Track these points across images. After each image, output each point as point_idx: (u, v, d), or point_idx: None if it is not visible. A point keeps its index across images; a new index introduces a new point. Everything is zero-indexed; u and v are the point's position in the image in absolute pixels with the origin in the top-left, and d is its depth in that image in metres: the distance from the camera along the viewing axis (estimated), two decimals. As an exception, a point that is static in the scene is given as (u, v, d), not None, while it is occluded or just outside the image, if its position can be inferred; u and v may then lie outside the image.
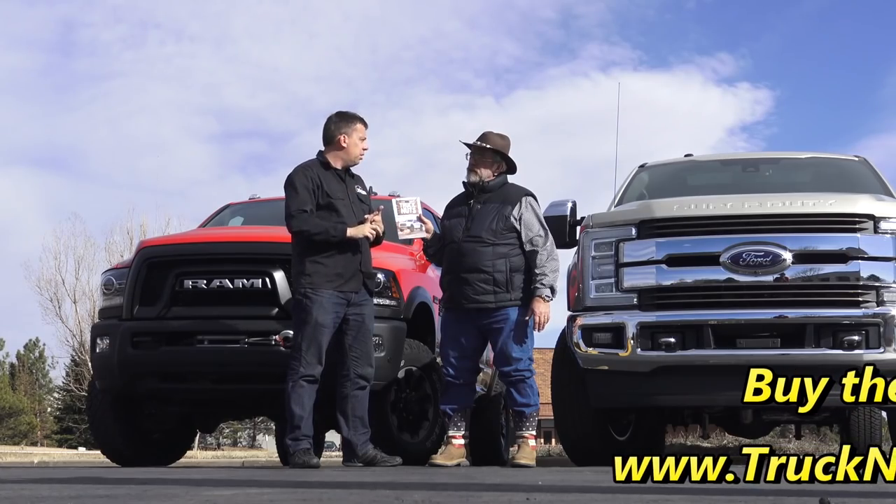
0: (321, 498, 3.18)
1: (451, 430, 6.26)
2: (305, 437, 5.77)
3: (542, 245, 6.11)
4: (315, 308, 5.74)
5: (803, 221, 5.97)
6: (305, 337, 5.75)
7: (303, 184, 5.89)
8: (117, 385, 6.87)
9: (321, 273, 5.79)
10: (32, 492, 3.55)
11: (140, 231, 37.75)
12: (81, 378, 39.82)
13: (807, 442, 16.01)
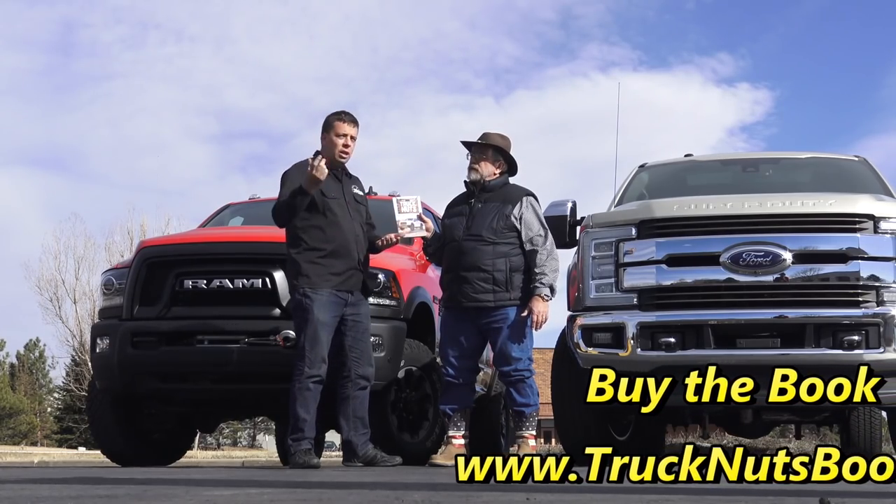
0: (321, 498, 3.18)
1: (451, 430, 6.27)
2: (307, 437, 5.77)
3: (542, 245, 6.11)
4: (315, 307, 5.74)
5: (803, 221, 5.97)
6: (308, 337, 5.75)
7: (292, 179, 5.91)
8: (117, 385, 6.87)
9: (318, 273, 5.80)
10: (32, 492, 3.55)
11: (140, 231, 37.73)
12: (81, 378, 39.80)
13: (807, 442, 16.01)
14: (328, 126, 6.04)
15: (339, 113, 6.07)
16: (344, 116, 6.03)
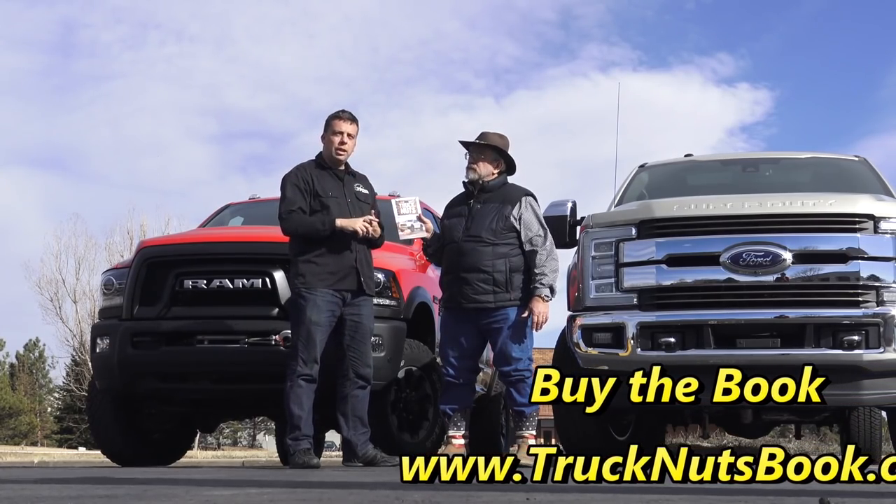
0: (321, 498, 3.18)
1: (451, 430, 6.27)
2: (305, 437, 5.77)
3: (542, 245, 6.11)
4: (309, 307, 5.75)
5: (803, 221, 5.97)
6: (301, 336, 5.77)
7: (293, 184, 5.92)
8: (117, 385, 6.87)
9: (314, 272, 5.80)
10: (32, 492, 3.55)
11: (140, 231, 37.75)
12: (81, 378, 39.79)
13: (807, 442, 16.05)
14: (326, 125, 6.08)
15: (336, 112, 6.10)
16: (341, 114, 6.05)
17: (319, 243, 5.85)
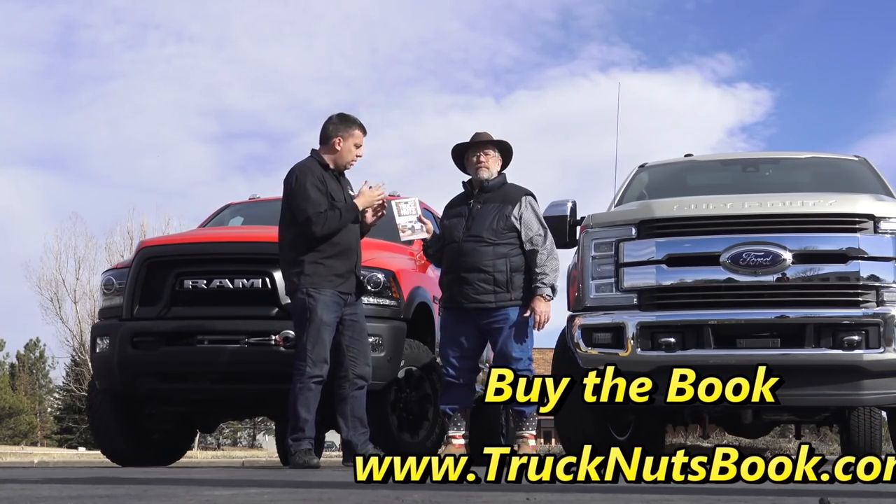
0: (321, 498, 3.18)
1: (451, 429, 6.27)
2: (307, 437, 5.77)
3: (542, 244, 6.11)
4: (319, 307, 5.73)
5: (803, 221, 5.97)
6: (311, 336, 5.73)
7: (313, 184, 5.86)
8: (117, 385, 6.87)
9: (321, 274, 5.79)
10: (32, 492, 3.55)
11: (140, 231, 37.78)
12: (81, 378, 39.81)
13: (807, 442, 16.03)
14: (348, 130, 6.01)
15: (359, 122, 6.10)
16: (363, 127, 6.08)
17: (330, 246, 5.84)
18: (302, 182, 5.87)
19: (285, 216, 5.98)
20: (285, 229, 5.98)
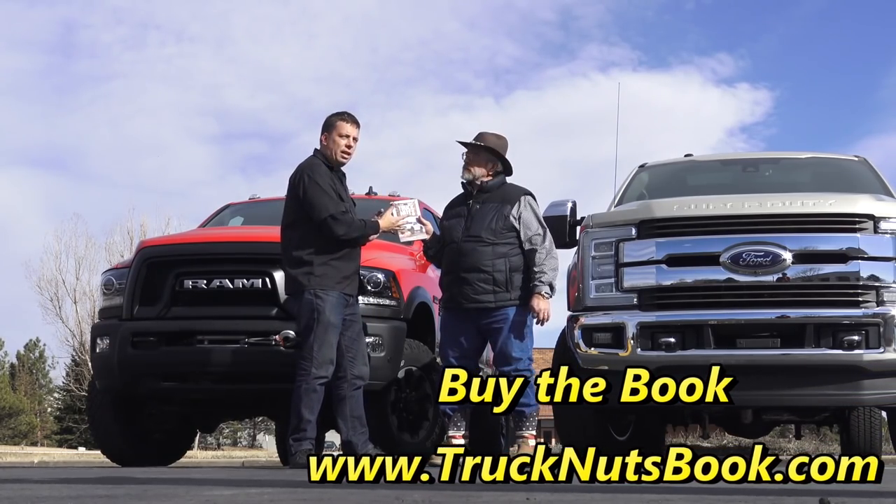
0: (321, 498, 3.18)
1: (451, 430, 6.26)
2: (308, 438, 5.77)
3: (541, 244, 6.11)
4: (327, 308, 5.73)
5: (803, 221, 5.97)
6: (318, 337, 5.71)
7: (328, 185, 5.85)
8: (117, 385, 6.87)
9: (330, 275, 5.78)
10: (32, 492, 3.55)
11: (140, 231, 37.78)
12: (81, 378, 39.81)
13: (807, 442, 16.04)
14: (330, 126, 6.01)
15: (341, 113, 6.04)
16: (346, 117, 6.01)
17: (338, 248, 5.83)
18: (315, 180, 5.83)
19: (290, 214, 5.94)
20: (290, 228, 5.96)
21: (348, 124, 5.98)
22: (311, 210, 5.78)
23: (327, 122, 6.03)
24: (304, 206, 5.82)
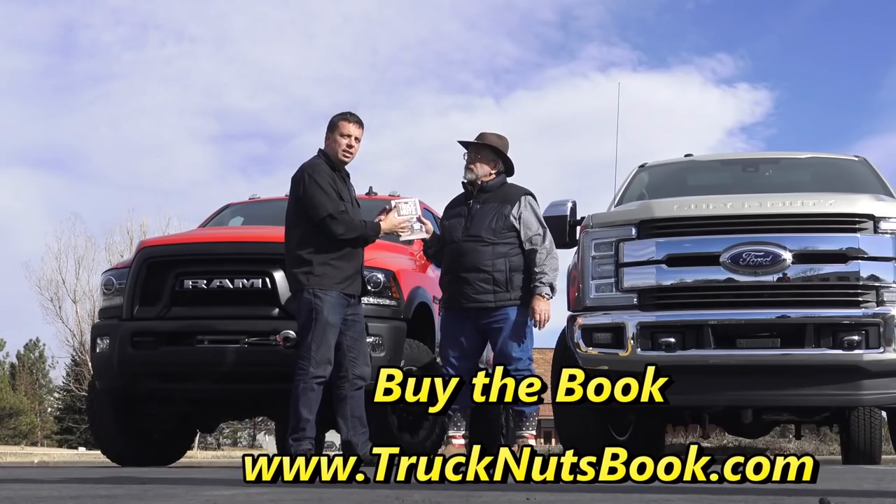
0: (321, 498, 3.18)
1: (451, 429, 6.27)
2: (308, 438, 5.77)
3: (542, 244, 6.11)
4: (325, 308, 5.72)
5: (803, 221, 5.97)
6: (316, 337, 5.71)
7: (328, 184, 5.84)
8: (117, 385, 6.87)
9: (330, 275, 5.78)
10: (32, 492, 3.55)
11: (140, 231, 37.76)
12: (81, 378, 39.81)
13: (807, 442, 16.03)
14: (332, 126, 6.01)
15: (344, 113, 6.05)
16: (349, 117, 6.01)
17: (339, 248, 5.83)
18: (315, 179, 5.83)
19: (292, 214, 5.94)
20: (293, 227, 5.95)
21: (350, 124, 5.98)
22: (310, 209, 5.79)
23: (330, 122, 6.04)
24: (303, 206, 5.82)
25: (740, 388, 6.02)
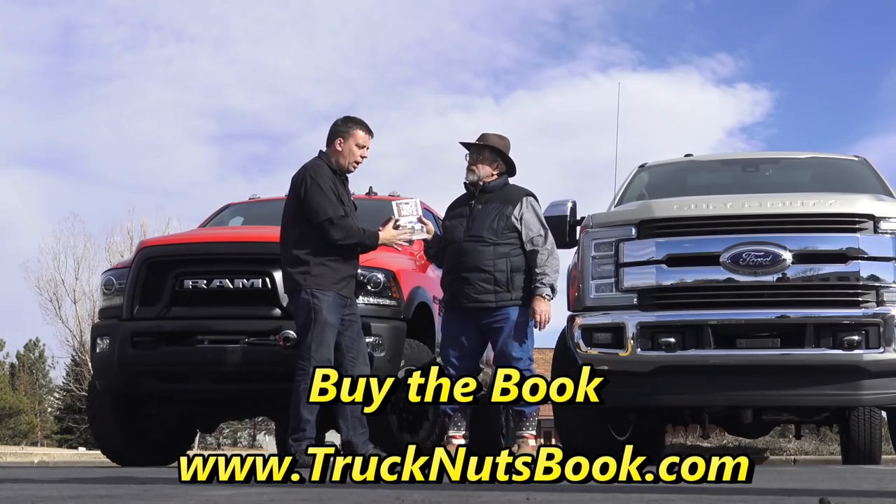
0: (321, 498, 3.18)
1: (451, 429, 6.26)
2: (308, 438, 5.77)
3: (543, 245, 6.11)
4: (324, 308, 5.73)
5: (803, 221, 5.97)
6: (315, 337, 5.72)
7: (329, 188, 5.84)
8: (117, 385, 6.87)
9: (327, 276, 5.78)
10: (32, 492, 3.55)
11: (140, 231, 37.77)
12: (81, 378, 39.82)
13: (807, 442, 16.02)
14: (346, 133, 5.97)
15: (360, 121, 6.04)
16: (366, 127, 6.02)
17: (333, 248, 5.83)
18: (318, 182, 5.83)
19: (290, 214, 5.95)
20: (290, 227, 5.95)
21: (367, 134, 6.01)
22: (311, 212, 5.79)
23: (344, 128, 5.99)
24: (303, 208, 5.82)
25: (740, 388, 6.02)
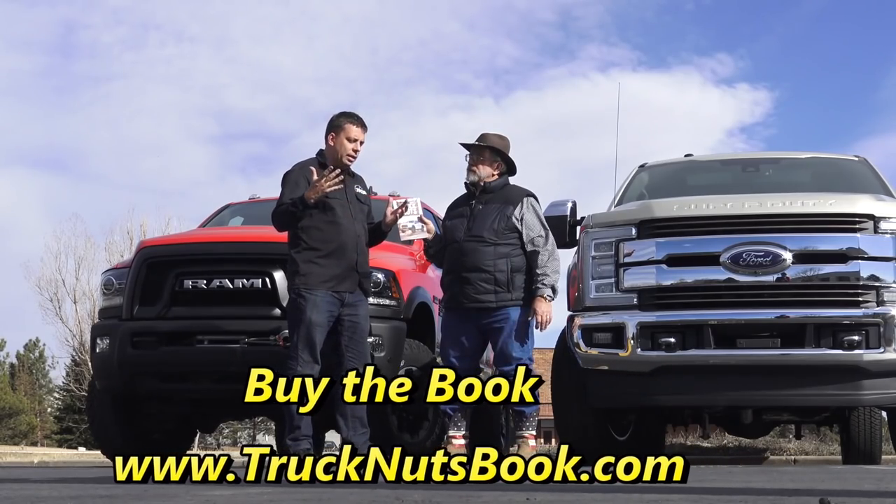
0: (321, 498, 3.19)
1: (451, 429, 6.26)
2: (305, 436, 5.77)
3: (544, 245, 6.11)
4: (309, 307, 5.73)
5: (803, 221, 5.97)
6: (301, 337, 5.74)
7: (294, 181, 5.87)
8: (117, 385, 6.87)
9: (315, 274, 5.78)
10: (32, 492, 3.56)
11: (140, 231, 37.74)
12: (81, 378, 39.78)
13: (807, 442, 15.99)
14: (338, 127, 5.98)
15: (351, 115, 6.03)
16: (356, 120, 6.00)
17: (324, 245, 5.82)
18: (284, 177, 5.92)
19: None
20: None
21: (358, 128, 5.98)
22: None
23: (335, 123, 6.00)
24: None
25: (740, 388, 6.02)
